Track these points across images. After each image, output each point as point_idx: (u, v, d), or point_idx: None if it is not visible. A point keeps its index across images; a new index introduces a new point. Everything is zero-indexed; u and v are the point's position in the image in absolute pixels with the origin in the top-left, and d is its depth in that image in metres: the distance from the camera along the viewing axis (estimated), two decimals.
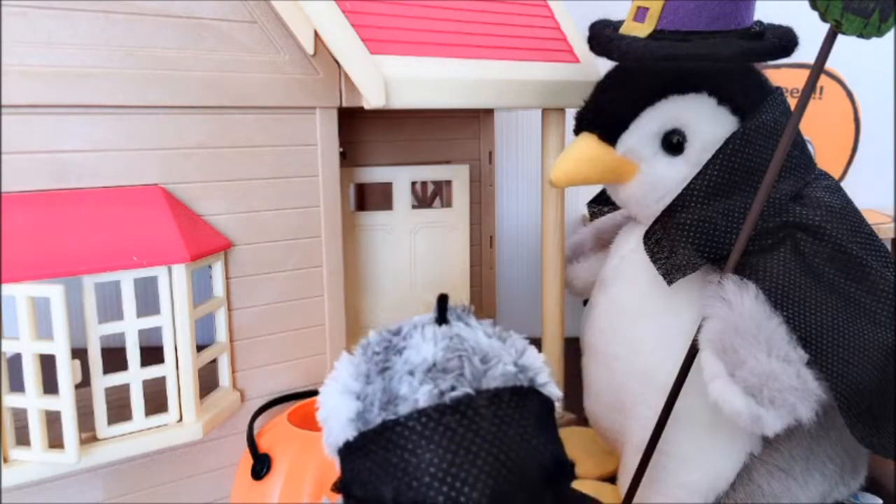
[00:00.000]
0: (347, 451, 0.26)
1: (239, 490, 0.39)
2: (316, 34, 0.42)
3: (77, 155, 0.37)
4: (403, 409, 0.25)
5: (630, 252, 0.44)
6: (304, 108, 0.44)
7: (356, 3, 0.44)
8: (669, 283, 0.39)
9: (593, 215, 0.54)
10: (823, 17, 0.31)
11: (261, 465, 0.37)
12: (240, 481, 0.39)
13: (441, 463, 0.24)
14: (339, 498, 0.27)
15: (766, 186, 0.35)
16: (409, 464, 0.24)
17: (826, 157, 0.76)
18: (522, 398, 0.26)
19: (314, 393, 0.45)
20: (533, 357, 0.27)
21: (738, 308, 0.35)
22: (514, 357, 0.26)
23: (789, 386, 0.33)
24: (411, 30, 0.46)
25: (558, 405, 0.28)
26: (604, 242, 0.52)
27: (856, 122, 0.76)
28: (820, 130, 0.75)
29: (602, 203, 0.53)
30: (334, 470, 0.35)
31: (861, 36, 0.31)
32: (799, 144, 0.42)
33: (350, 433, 0.25)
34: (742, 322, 0.35)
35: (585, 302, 0.50)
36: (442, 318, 0.27)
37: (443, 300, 0.27)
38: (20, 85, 0.35)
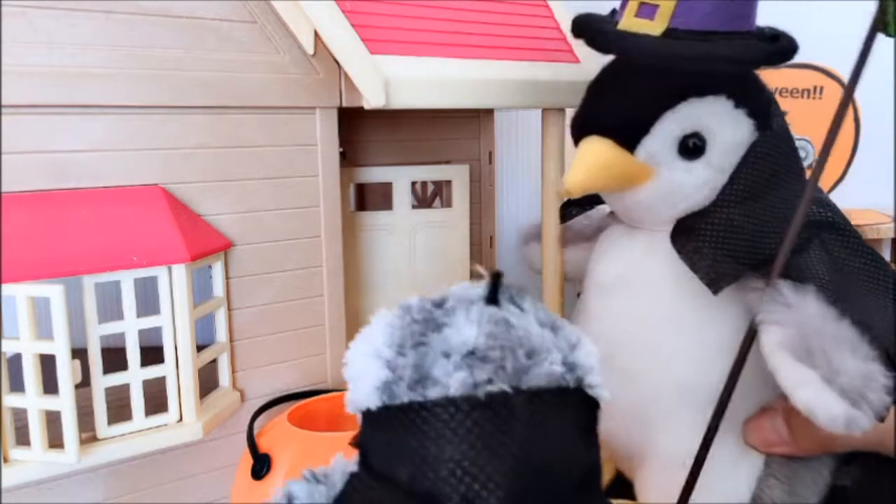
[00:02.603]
0: (369, 419, 0.24)
1: (239, 490, 0.39)
2: (316, 34, 0.42)
3: (77, 155, 0.37)
4: (433, 392, 0.23)
5: (637, 260, 0.43)
6: (304, 108, 0.44)
7: (356, 3, 0.44)
8: (715, 292, 0.38)
9: (565, 218, 0.52)
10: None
11: (261, 465, 0.37)
12: (240, 481, 0.39)
13: (462, 460, 0.22)
14: (354, 455, 0.26)
15: (810, 190, 0.34)
16: (429, 452, 0.22)
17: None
18: (565, 401, 0.23)
19: (314, 393, 0.45)
20: (585, 354, 0.24)
21: (806, 310, 0.34)
22: (565, 352, 0.24)
23: (884, 385, 0.33)
24: (411, 30, 0.46)
25: None
26: (564, 241, 0.52)
27: (856, 122, 0.76)
28: (820, 130, 0.75)
29: (575, 205, 0.51)
30: None
31: None
32: (796, 148, 0.42)
33: (374, 402, 0.24)
34: (821, 325, 0.34)
35: (579, 294, 0.49)
36: (492, 298, 0.24)
37: (496, 278, 0.24)
38: (20, 85, 0.35)
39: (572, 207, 0.51)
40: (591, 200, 0.49)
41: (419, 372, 0.23)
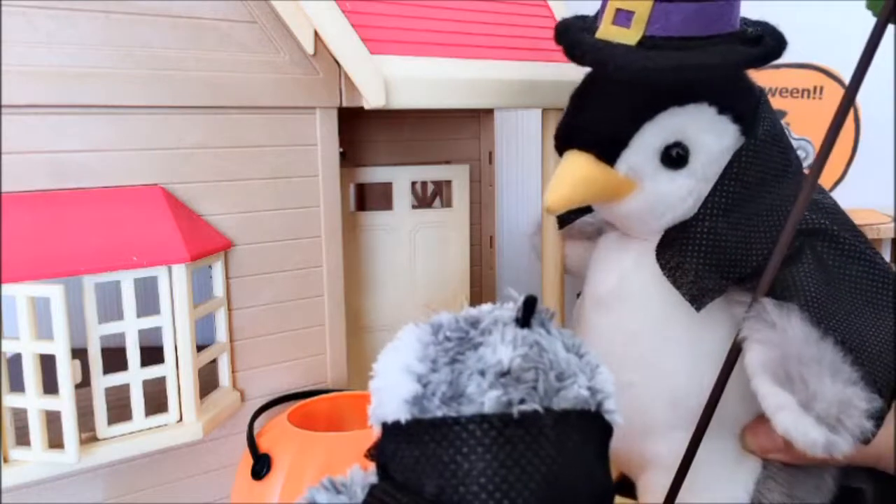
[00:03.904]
0: (396, 431, 0.25)
1: (239, 490, 0.39)
2: (316, 34, 0.42)
3: (77, 155, 0.37)
4: (467, 409, 0.24)
5: (630, 271, 0.42)
6: (304, 108, 0.44)
7: (356, 3, 0.44)
8: (698, 309, 0.37)
9: (563, 223, 0.51)
10: None
11: (261, 465, 0.37)
12: (240, 481, 0.39)
13: (494, 475, 0.23)
14: (371, 467, 0.26)
15: (800, 206, 0.33)
16: (460, 467, 0.23)
17: None
18: (588, 423, 0.25)
19: (314, 393, 0.45)
20: (604, 379, 0.26)
21: (790, 332, 0.34)
22: (588, 377, 0.25)
23: (864, 410, 0.33)
24: (411, 30, 0.46)
25: None
26: (568, 235, 0.52)
27: (856, 122, 0.76)
28: (820, 130, 0.75)
29: (572, 212, 0.50)
30: (334, 470, 0.35)
31: None
32: (791, 147, 0.41)
33: (404, 415, 0.24)
34: (802, 349, 0.34)
35: (579, 294, 0.49)
36: (525, 321, 0.26)
37: (530, 303, 0.25)
38: (20, 85, 0.35)
39: (570, 213, 0.51)
40: (588, 207, 0.48)
41: (454, 388, 0.24)
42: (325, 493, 0.27)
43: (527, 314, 0.26)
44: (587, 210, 0.49)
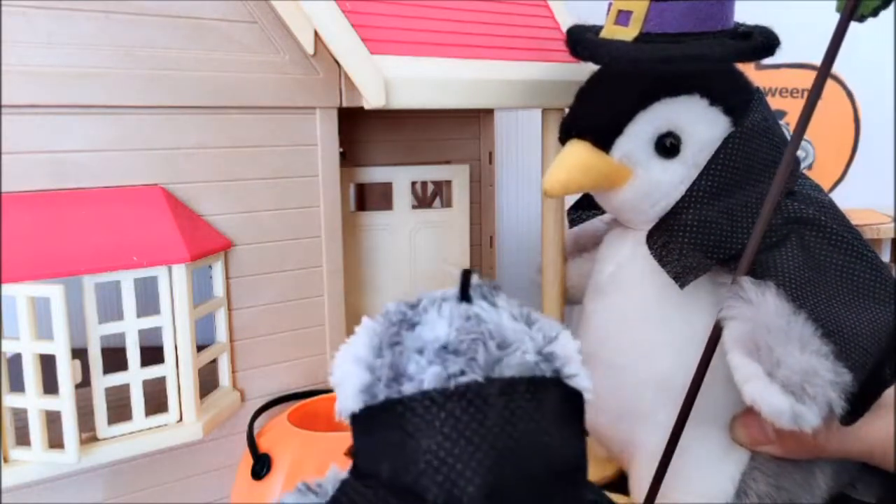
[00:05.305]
0: (355, 422, 0.25)
1: (239, 490, 0.39)
2: (316, 34, 0.42)
3: (77, 155, 0.37)
4: (408, 388, 0.23)
5: (627, 259, 0.44)
6: (304, 108, 0.44)
7: (356, 3, 0.44)
8: (682, 286, 0.39)
9: (573, 222, 0.53)
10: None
11: (261, 465, 0.37)
12: (240, 481, 0.39)
13: (439, 450, 0.22)
14: (348, 464, 0.26)
15: (776, 186, 0.34)
16: (407, 446, 0.23)
17: (826, 157, 0.76)
18: (541, 390, 0.24)
19: (314, 393, 0.45)
20: (563, 345, 0.25)
21: (763, 307, 0.35)
22: (539, 344, 0.25)
23: (829, 381, 0.33)
24: (411, 30, 0.46)
25: None
26: (580, 248, 0.53)
27: (856, 122, 0.76)
28: (820, 130, 0.75)
29: (583, 208, 0.52)
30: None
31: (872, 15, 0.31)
32: (784, 142, 0.42)
33: (357, 405, 0.24)
34: (772, 320, 0.35)
35: None
36: (464, 295, 0.25)
37: (466, 275, 0.25)
38: (20, 85, 0.35)
39: (580, 211, 0.52)
40: (596, 205, 0.49)
41: (395, 370, 0.24)
42: (295, 494, 0.27)
43: (464, 288, 0.25)
44: (598, 207, 0.50)
